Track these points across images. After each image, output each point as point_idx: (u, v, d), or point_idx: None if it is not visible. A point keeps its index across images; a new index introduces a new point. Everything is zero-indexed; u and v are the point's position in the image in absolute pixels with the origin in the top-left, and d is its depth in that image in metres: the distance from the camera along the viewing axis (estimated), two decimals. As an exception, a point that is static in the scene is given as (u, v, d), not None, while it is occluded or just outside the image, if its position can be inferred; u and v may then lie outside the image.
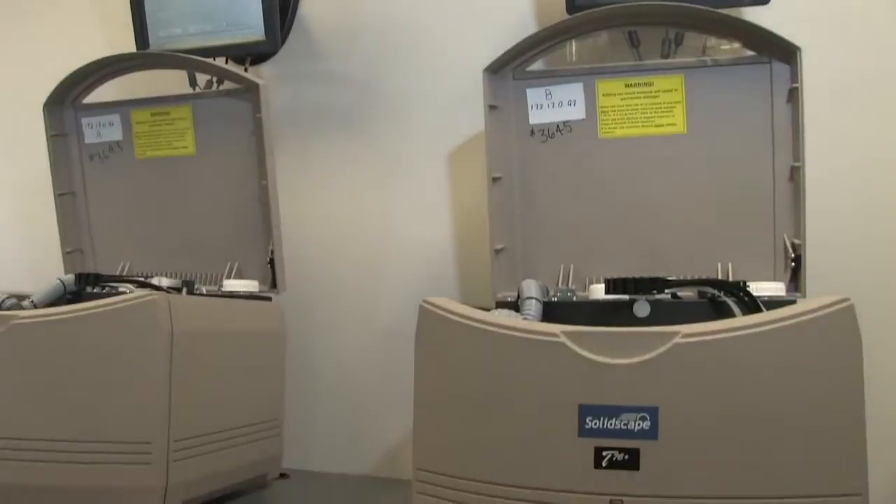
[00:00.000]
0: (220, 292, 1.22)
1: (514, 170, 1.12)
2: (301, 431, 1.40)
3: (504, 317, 0.82)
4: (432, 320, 0.82)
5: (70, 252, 1.42)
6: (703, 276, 1.00)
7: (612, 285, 0.89)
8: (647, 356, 0.73)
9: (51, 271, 1.37)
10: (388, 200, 1.40)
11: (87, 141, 1.42)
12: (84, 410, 0.95)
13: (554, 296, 1.02)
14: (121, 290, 1.17)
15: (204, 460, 1.04)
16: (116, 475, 0.95)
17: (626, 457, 0.72)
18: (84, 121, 1.42)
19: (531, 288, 0.98)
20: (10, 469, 0.96)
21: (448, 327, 0.80)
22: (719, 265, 1.04)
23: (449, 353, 0.81)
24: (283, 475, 1.30)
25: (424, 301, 0.84)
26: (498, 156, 1.11)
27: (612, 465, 0.73)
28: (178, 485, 0.98)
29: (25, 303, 1.17)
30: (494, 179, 1.11)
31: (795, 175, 1.00)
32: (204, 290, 1.22)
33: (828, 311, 0.72)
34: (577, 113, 1.10)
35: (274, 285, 1.25)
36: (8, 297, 1.17)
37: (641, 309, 0.95)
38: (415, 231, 1.37)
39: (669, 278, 0.90)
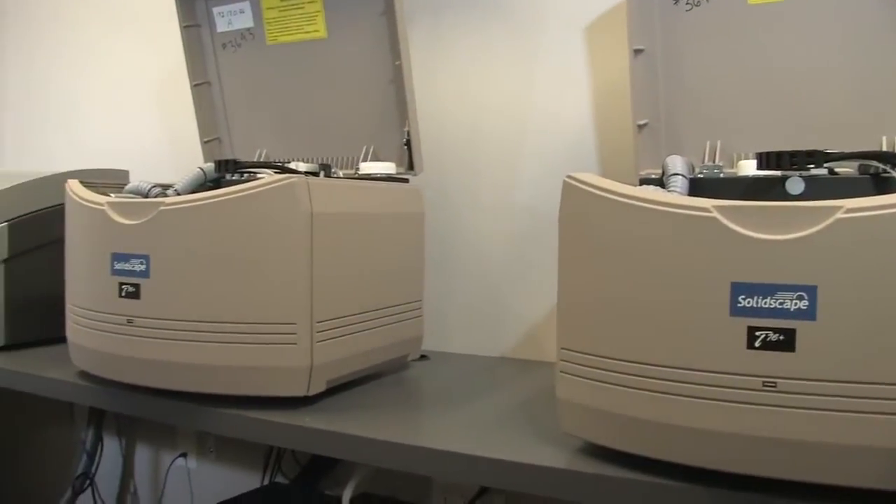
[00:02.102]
0: (356, 175, 1.23)
1: (657, 41, 1.07)
2: (440, 313, 1.42)
3: (652, 192, 0.79)
4: (577, 196, 0.80)
5: (208, 141, 1.46)
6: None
7: (766, 160, 0.84)
8: (806, 232, 0.69)
9: (191, 161, 1.42)
10: (525, 76, 1.37)
11: (218, 30, 1.44)
12: (229, 293, 0.99)
13: (700, 172, 0.98)
14: (259, 175, 1.19)
15: (347, 341, 1.07)
16: (263, 355, 0.98)
17: (781, 337, 0.70)
18: (215, 10, 1.44)
19: (676, 164, 0.94)
20: (171, 347, 1.01)
21: (594, 203, 0.79)
22: (884, 139, 0.97)
23: (594, 229, 0.79)
24: (423, 357, 1.33)
25: (568, 177, 0.82)
26: (640, 26, 1.06)
27: (766, 345, 0.70)
28: (322, 365, 1.01)
29: (169, 191, 1.21)
30: (636, 51, 1.06)
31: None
32: (341, 174, 1.24)
33: None
34: (725, -24, 1.04)
35: (411, 166, 1.25)
36: (154, 186, 1.22)
37: (795, 186, 0.90)
38: (553, 107, 1.34)
39: (829, 151, 0.85)
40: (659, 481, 0.75)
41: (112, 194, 1.14)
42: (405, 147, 1.25)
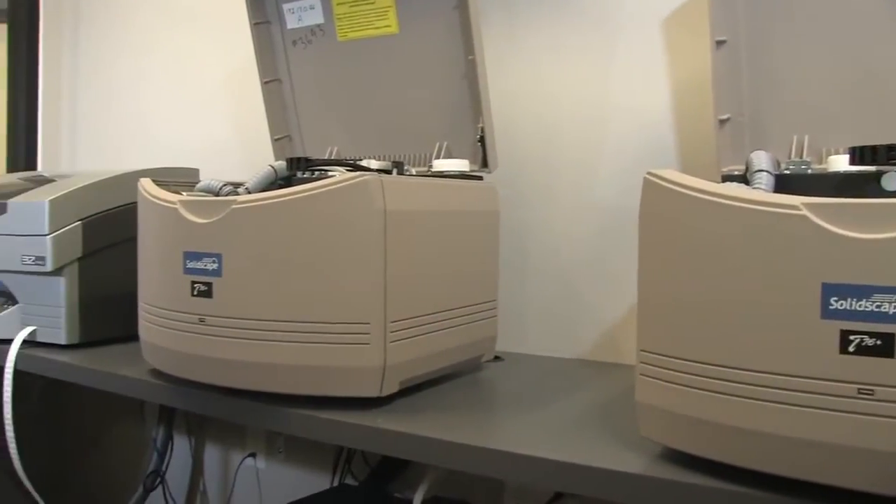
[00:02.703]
0: (429, 173, 1.23)
1: (741, 31, 1.05)
2: (515, 313, 1.41)
3: (736, 188, 0.78)
4: (658, 193, 0.79)
5: (278, 139, 1.48)
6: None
7: (860, 154, 0.82)
8: (905, 230, 0.67)
9: (260, 159, 1.44)
10: (601, 70, 1.35)
11: (289, 27, 1.46)
12: (301, 292, 0.99)
13: (786, 168, 0.96)
14: (330, 173, 1.20)
15: (420, 341, 1.07)
16: (335, 355, 0.99)
17: (878, 342, 0.67)
18: (285, 6, 1.45)
19: (762, 159, 0.92)
20: (243, 346, 1.03)
21: (676, 200, 0.77)
22: None
23: (677, 227, 0.78)
24: (497, 358, 1.33)
25: (649, 173, 0.81)
26: (723, 16, 1.04)
27: (861, 350, 0.68)
28: (395, 366, 1.02)
29: (241, 189, 1.23)
30: (719, 43, 1.04)
31: None
32: (413, 172, 1.24)
33: None
34: (814, -36, 1.01)
35: (485, 164, 1.24)
36: (225, 185, 1.24)
37: (892, 181, 0.87)
38: (631, 102, 1.32)
39: (930, 145, 0.82)
40: (741, 490, 0.74)
41: (184, 193, 1.16)
42: (479, 144, 1.25)
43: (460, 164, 1.22)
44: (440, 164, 1.23)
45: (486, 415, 1.05)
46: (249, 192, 1.19)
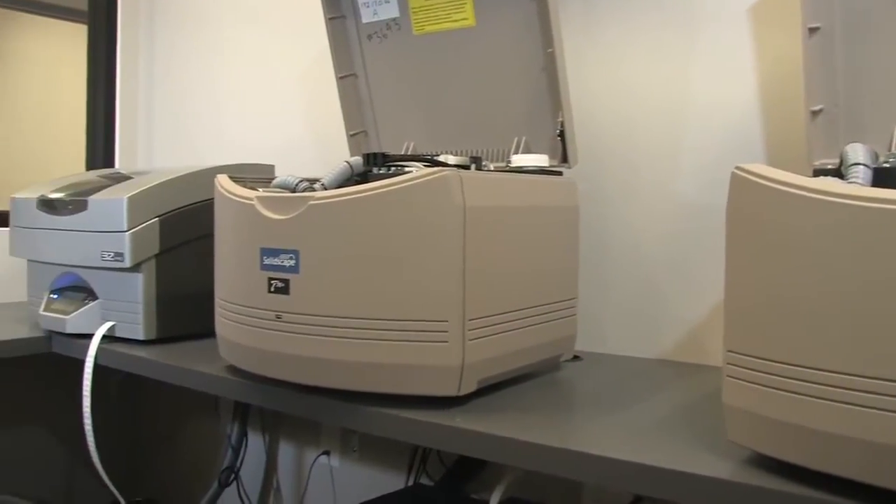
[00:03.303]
0: (508, 168, 1.23)
1: (835, 17, 1.02)
2: (594, 312, 1.40)
3: (831, 183, 0.75)
4: (747, 188, 0.78)
5: (354, 134, 1.49)
6: None
7: (963, 145, 0.79)
8: None
9: (335, 155, 1.45)
10: (683, 61, 1.33)
11: (364, 21, 1.47)
12: (379, 289, 1.00)
13: (885, 162, 0.93)
14: (407, 169, 1.20)
15: (499, 340, 1.07)
16: (413, 353, 1.00)
17: None
18: (360, 0, 1.46)
19: (858, 152, 0.89)
20: (320, 343, 1.04)
21: (766, 196, 0.76)
22: None
23: (766, 224, 0.76)
24: (576, 357, 1.32)
25: (737, 168, 0.79)
26: (816, 3, 1.01)
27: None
28: (473, 364, 1.02)
29: (317, 185, 1.24)
30: (811, 30, 1.02)
31: None
32: (492, 167, 1.24)
33: None
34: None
35: (565, 159, 1.24)
36: (301, 181, 1.25)
37: None
38: (715, 94, 1.30)
39: None
40: (834, 499, 0.72)
41: (260, 189, 1.18)
42: (558, 138, 1.24)
43: (539, 160, 1.22)
44: (519, 160, 1.22)
45: (565, 415, 1.04)
46: (325, 189, 1.20)
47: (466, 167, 1.15)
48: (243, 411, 1.87)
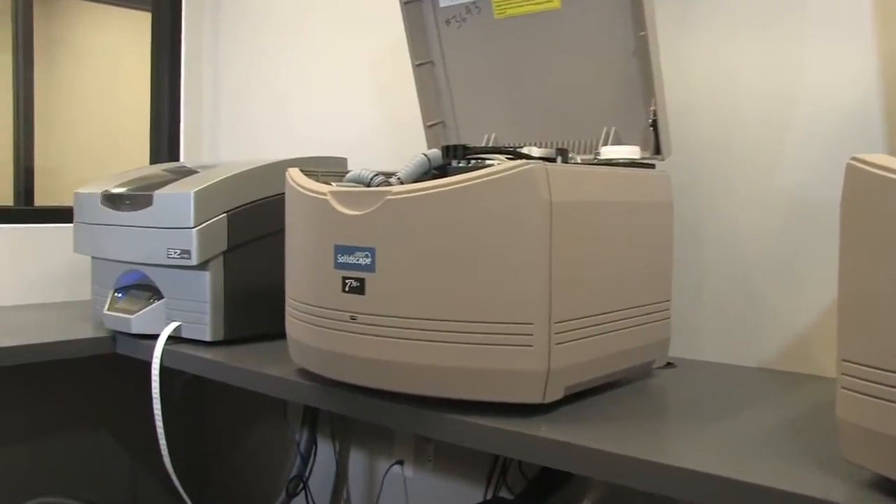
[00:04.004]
0: (597, 161, 1.21)
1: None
2: (689, 315, 1.38)
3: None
4: (865, 181, 0.75)
5: (431, 125, 1.49)
6: None
7: None
8: None
9: (411, 147, 1.45)
10: (791, 43, 1.30)
11: (442, 5, 1.46)
12: (460, 289, 1.00)
13: None
14: (489, 162, 1.20)
15: (588, 344, 1.06)
16: (495, 357, 0.99)
17: None
18: (437, -17, 1.46)
19: None
20: (396, 346, 1.04)
21: (887, 189, 0.73)
22: None
23: (887, 220, 0.74)
24: (669, 364, 1.30)
25: (853, 159, 0.77)
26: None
27: None
28: (560, 370, 1.01)
29: (392, 179, 1.24)
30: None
31: None
32: (579, 160, 1.23)
33: None
34: None
35: (657, 150, 1.22)
36: (376, 175, 1.25)
37: None
38: (827, 78, 1.27)
39: None
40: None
41: (333, 183, 1.19)
42: (651, 128, 1.22)
43: (631, 151, 1.20)
44: (608, 151, 1.21)
45: (658, 426, 1.02)
46: (402, 183, 1.20)
47: (552, 160, 1.14)
48: (313, 417, 1.88)
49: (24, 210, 2.22)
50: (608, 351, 1.10)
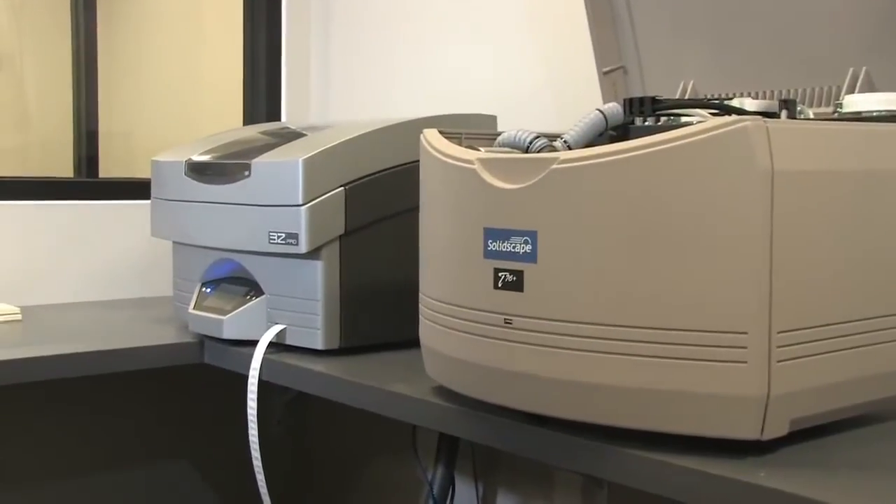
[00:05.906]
0: (839, 115, 1.18)
1: None
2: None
3: None
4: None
5: (609, 71, 1.48)
6: None
7: None
8: None
9: (579, 102, 1.43)
10: None
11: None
12: (647, 287, 0.98)
13: None
14: (686, 119, 1.17)
15: (824, 363, 1.02)
16: (695, 377, 0.97)
17: None
18: None
19: None
20: (561, 359, 1.03)
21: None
22: None
23: None
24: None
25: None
26: None
27: None
28: (784, 396, 0.98)
29: (557, 143, 1.23)
30: None
31: None
32: (811, 114, 1.19)
33: None
34: None
35: (931, 99, 1.18)
36: (537, 137, 1.24)
37: None
38: None
39: None
40: None
41: (482, 148, 1.18)
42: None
43: (889, 101, 1.16)
44: (856, 101, 1.17)
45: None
46: (570, 147, 1.19)
47: (774, 115, 1.11)
48: (450, 449, 1.89)
49: (87, 182, 2.27)
50: (852, 373, 1.06)
